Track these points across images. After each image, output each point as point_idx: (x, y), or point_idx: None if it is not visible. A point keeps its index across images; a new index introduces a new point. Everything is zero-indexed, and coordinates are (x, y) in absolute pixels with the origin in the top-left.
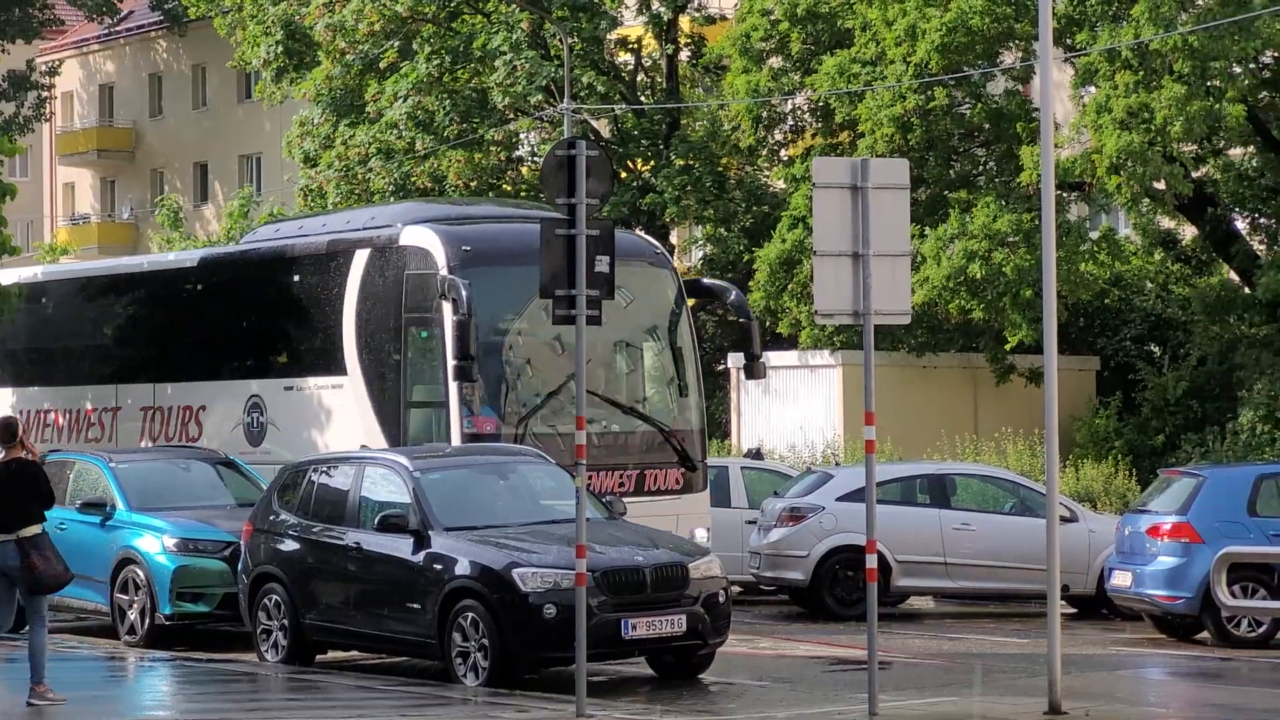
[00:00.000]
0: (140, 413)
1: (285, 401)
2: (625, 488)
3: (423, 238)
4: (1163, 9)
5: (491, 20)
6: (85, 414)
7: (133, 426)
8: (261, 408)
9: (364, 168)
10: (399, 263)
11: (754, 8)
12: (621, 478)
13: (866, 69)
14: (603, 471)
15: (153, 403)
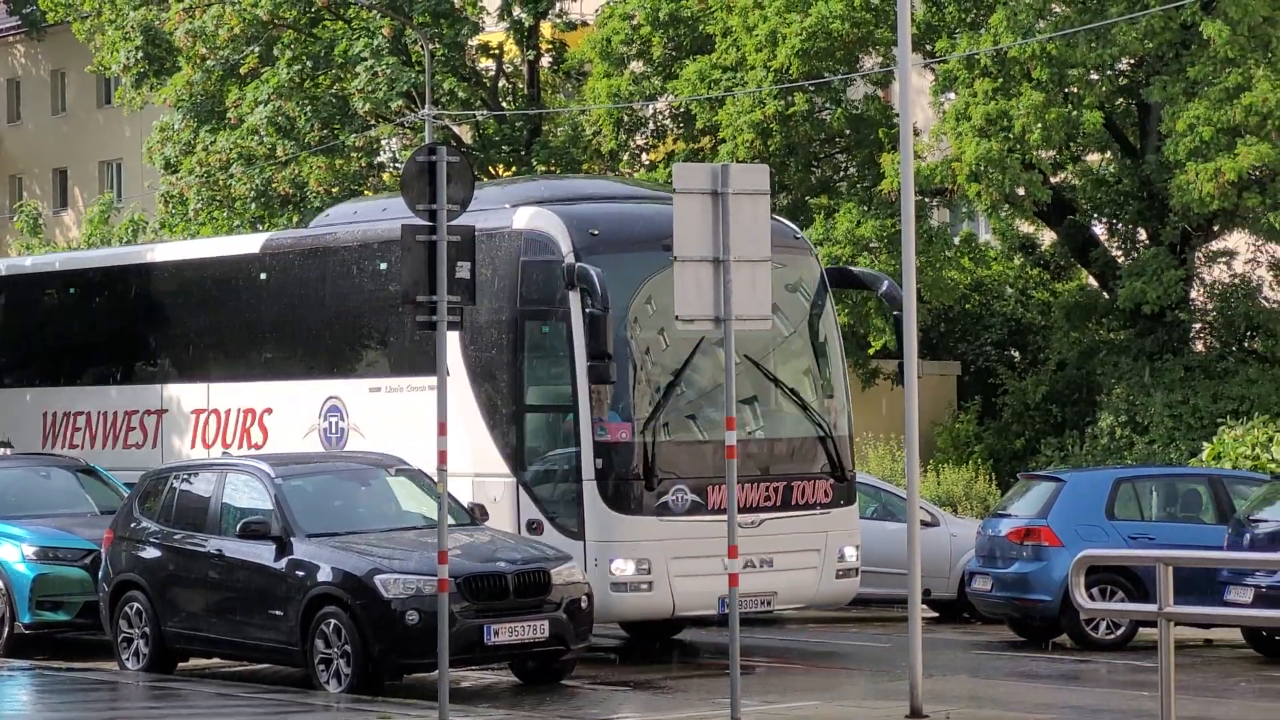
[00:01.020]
0: (191, 415)
1: (371, 404)
2: (772, 501)
3: (542, 221)
4: (1021, 17)
5: (352, 26)
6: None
7: (182, 430)
8: (342, 411)
9: (225, 174)
10: (512, 249)
11: (615, 13)
12: (768, 490)
13: (727, 74)
14: (747, 484)
15: (206, 404)
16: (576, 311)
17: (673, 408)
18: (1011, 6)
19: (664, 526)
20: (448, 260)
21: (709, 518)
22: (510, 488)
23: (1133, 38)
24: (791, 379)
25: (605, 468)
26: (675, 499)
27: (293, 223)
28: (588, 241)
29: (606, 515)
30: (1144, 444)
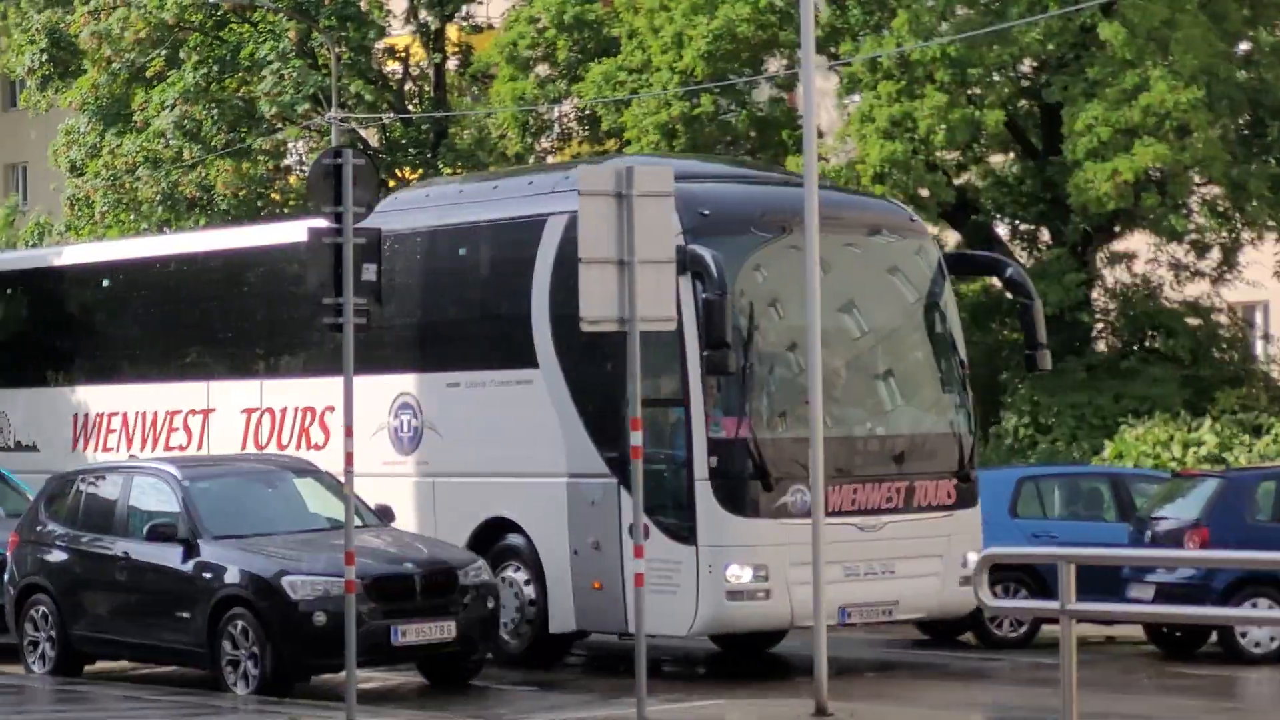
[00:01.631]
0: (242, 415)
1: (449, 401)
2: (894, 503)
3: None
4: (923, 19)
5: (259, 30)
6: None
7: (231, 430)
8: (415, 409)
9: (131, 177)
10: None
11: (521, 16)
12: (889, 491)
13: (633, 76)
14: (868, 484)
15: (260, 403)
16: (688, 298)
17: (791, 401)
18: (914, 9)
19: (783, 530)
20: (354, 263)
21: (830, 520)
22: (611, 490)
23: (1033, 39)
24: (911, 371)
25: (720, 466)
26: (795, 500)
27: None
28: (698, 222)
29: (721, 517)
30: (1047, 443)
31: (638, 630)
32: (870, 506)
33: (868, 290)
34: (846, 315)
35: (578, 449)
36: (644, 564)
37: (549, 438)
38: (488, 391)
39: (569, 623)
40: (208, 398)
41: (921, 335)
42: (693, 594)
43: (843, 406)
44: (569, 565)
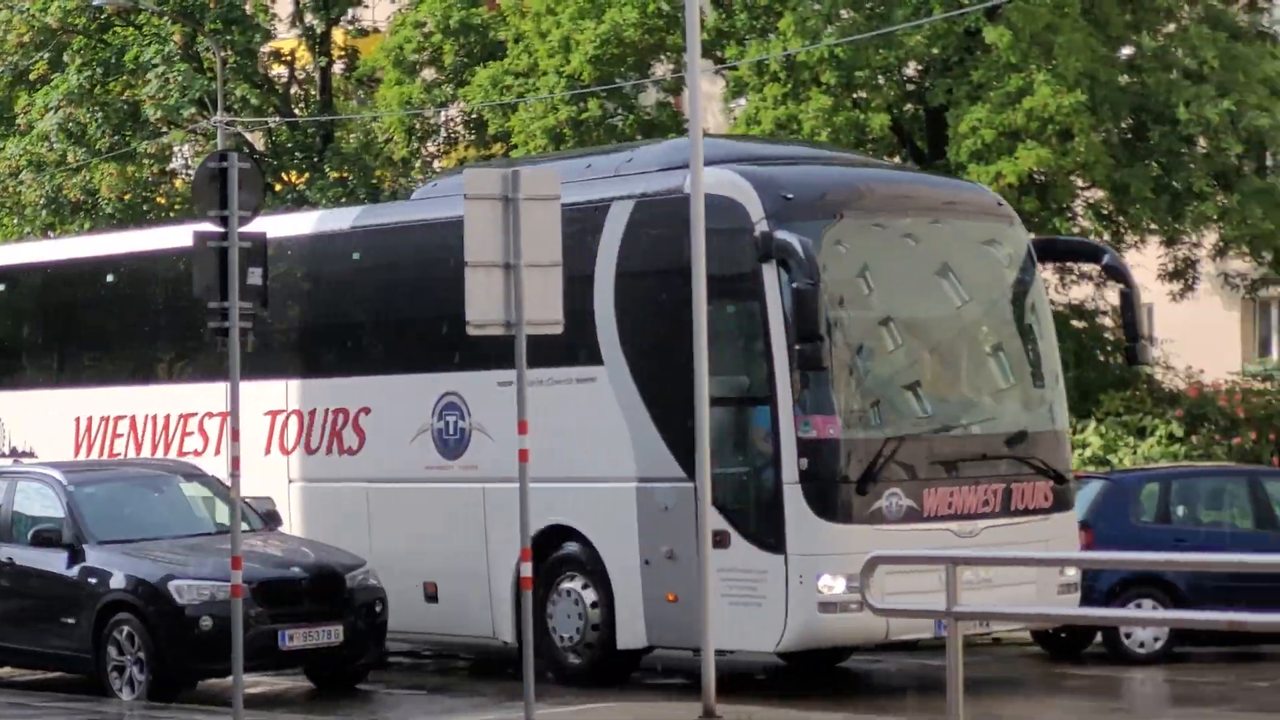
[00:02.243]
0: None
1: (500, 400)
2: (990, 507)
3: (726, 183)
4: (809, 22)
5: (143, 33)
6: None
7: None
8: (462, 409)
9: (15, 180)
10: (686, 218)
11: (407, 20)
12: (985, 494)
13: (519, 80)
14: (964, 486)
15: (285, 405)
16: (773, 287)
17: (886, 399)
18: (800, 12)
19: (878, 536)
20: (239, 266)
21: (926, 526)
22: (686, 494)
23: (918, 42)
24: (1000, 367)
25: (811, 469)
26: (890, 505)
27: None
28: (781, 207)
29: (813, 523)
30: None
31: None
32: (967, 511)
33: (956, 276)
34: (935, 303)
35: (648, 451)
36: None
37: (615, 439)
38: (545, 390)
39: (639, 638)
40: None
41: (1011, 326)
42: (781, 606)
43: (935, 404)
44: (639, 576)
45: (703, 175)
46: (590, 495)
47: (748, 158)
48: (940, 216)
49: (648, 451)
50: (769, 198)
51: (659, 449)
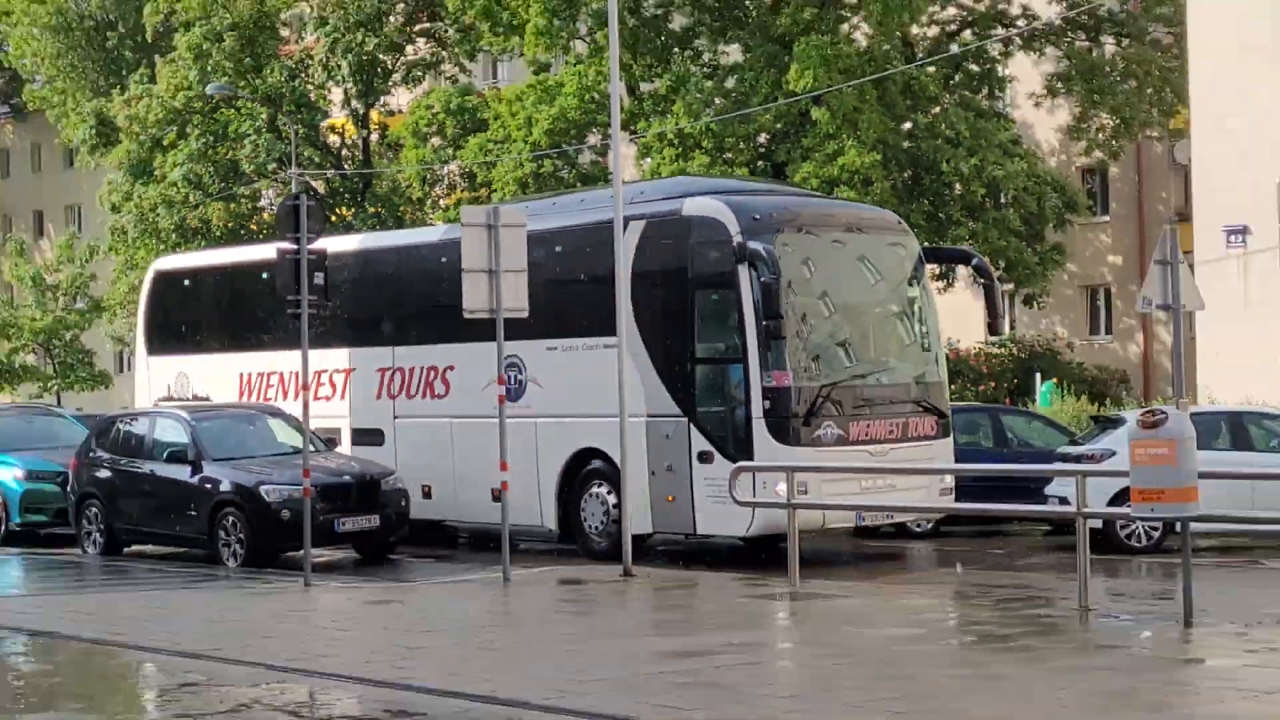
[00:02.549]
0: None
1: (547, 361)
2: (895, 435)
3: (711, 208)
4: (693, 107)
5: (240, 113)
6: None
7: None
8: (520, 366)
9: (154, 214)
10: (682, 232)
11: (421, 104)
12: (891, 426)
13: (498, 145)
14: (876, 420)
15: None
16: (746, 282)
17: (821, 359)
18: (686, 100)
19: (816, 455)
20: (309, 271)
21: (850, 448)
22: (682, 426)
23: (767, 120)
24: (901, 336)
25: (771, 408)
26: (825, 433)
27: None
28: (751, 224)
29: (772, 446)
30: None
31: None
32: (878, 437)
33: (869, 271)
34: (856, 291)
35: (654, 397)
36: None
37: (631, 389)
38: (579, 354)
39: (646, 526)
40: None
41: (909, 307)
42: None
43: (857, 362)
44: (647, 483)
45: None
46: (612, 426)
47: (725, 190)
48: (859, 229)
49: (654, 398)
50: (743, 218)
51: (662, 396)
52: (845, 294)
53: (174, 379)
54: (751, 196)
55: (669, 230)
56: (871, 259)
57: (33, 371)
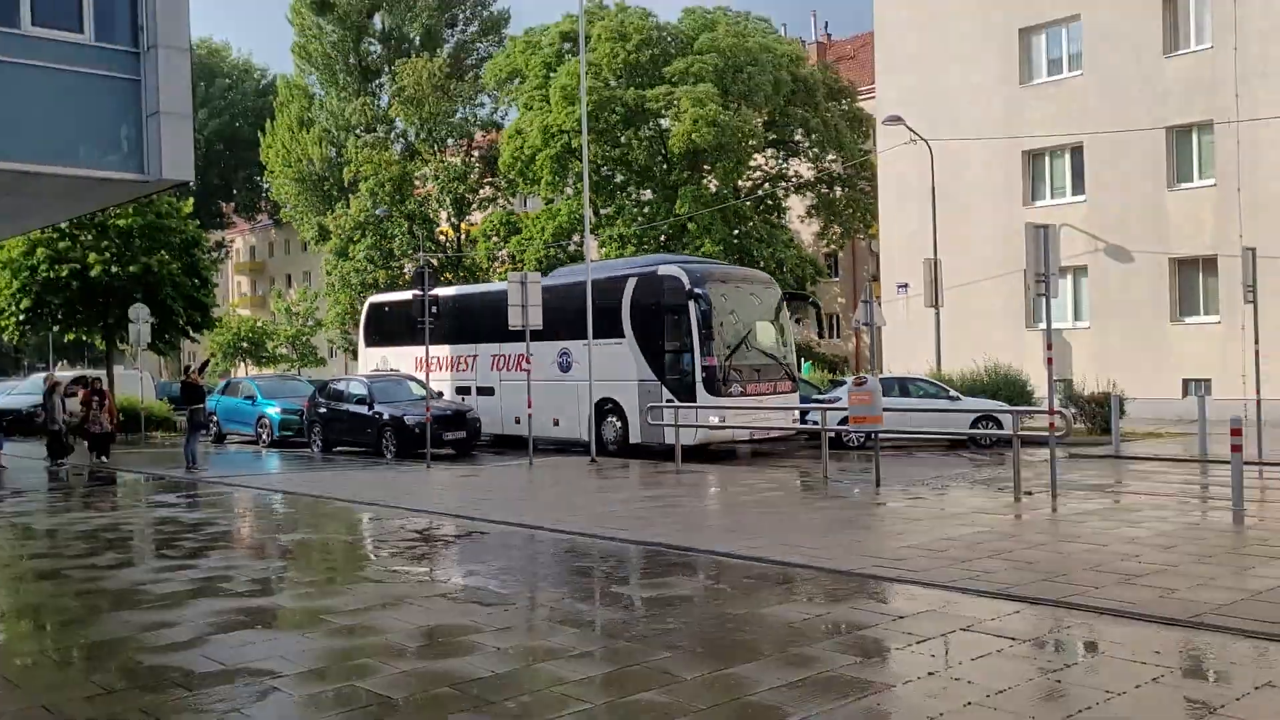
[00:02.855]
0: (490, 358)
1: (584, 352)
2: (769, 390)
3: (674, 271)
4: (627, 222)
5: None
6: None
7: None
8: (570, 354)
9: (348, 277)
10: (658, 283)
11: (485, 220)
12: (768, 385)
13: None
14: (761, 382)
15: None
16: (694, 310)
17: (731, 350)
18: (624, 218)
19: (729, 401)
20: (422, 305)
21: (746, 398)
22: (658, 385)
23: (665, 228)
24: (774, 339)
25: (708, 376)
26: (734, 389)
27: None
28: (696, 280)
29: (706, 396)
30: None
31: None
32: (762, 392)
33: (757, 306)
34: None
35: (643, 370)
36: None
37: (630, 367)
38: (602, 348)
39: (638, 438)
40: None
41: (780, 324)
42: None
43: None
44: (639, 417)
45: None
46: (620, 386)
47: (681, 261)
48: (749, 281)
49: (643, 371)
50: (690, 276)
51: (647, 370)
52: (744, 316)
53: (380, 360)
54: (695, 265)
55: (650, 281)
56: (758, 297)
57: (285, 357)
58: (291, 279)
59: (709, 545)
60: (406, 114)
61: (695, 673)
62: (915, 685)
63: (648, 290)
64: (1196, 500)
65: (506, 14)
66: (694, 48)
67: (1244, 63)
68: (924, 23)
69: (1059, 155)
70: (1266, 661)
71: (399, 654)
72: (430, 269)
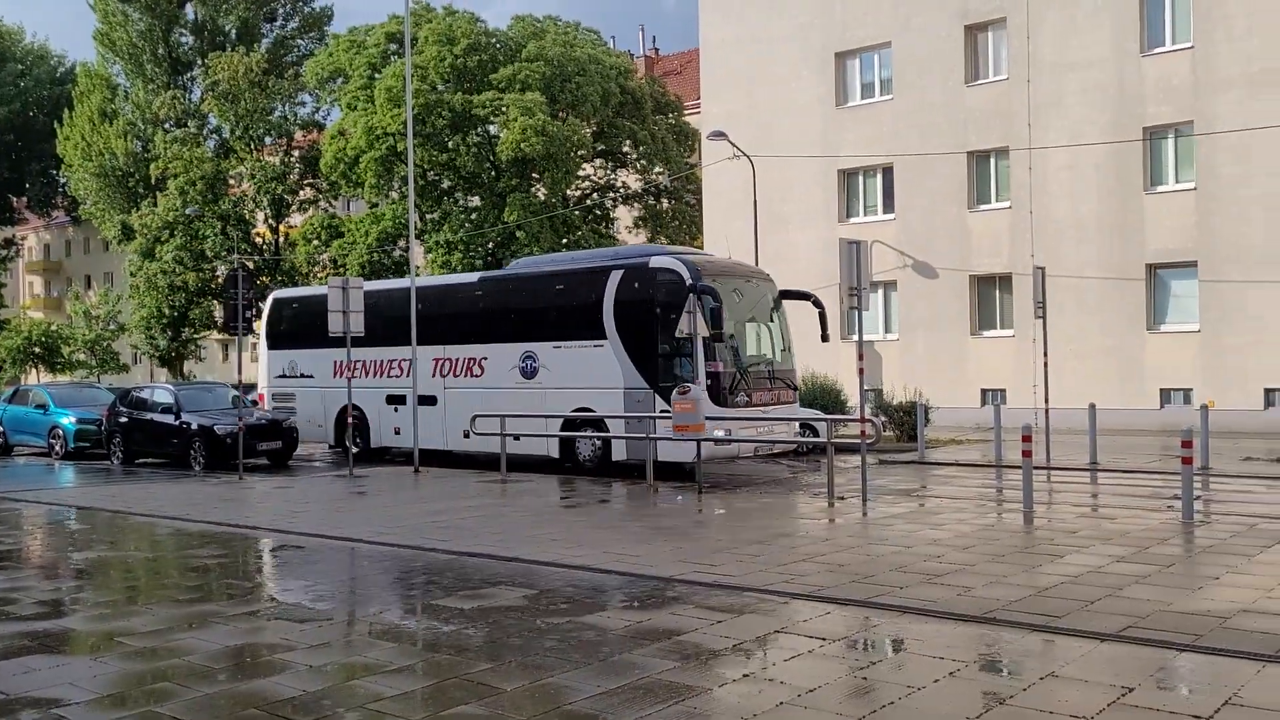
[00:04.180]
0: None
1: (553, 355)
2: (773, 400)
3: (671, 264)
4: (454, 228)
5: (205, 223)
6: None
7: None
8: (534, 358)
9: (153, 279)
10: (650, 277)
11: (307, 223)
12: (771, 394)
13: (350, 245)
14: (764, 391)
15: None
16: (696, 308)
17: (738, 354)
18: (450, 224)
19: (734, 413)
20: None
21: (751, 409)
22: (649, 394)
23: (493, 235)
24: (772, 341)
25: (714, 384)
26: (739, 399)
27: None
28: (697, 274)
29: (710, 406)
30: None
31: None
32: (766, 402)
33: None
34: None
35: (630, 377)
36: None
37: (611, 373)
38: (581, 350)
39: (623, 455)
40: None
41: (778, 324)
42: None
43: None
44: (624, 428)
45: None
46: (600, 394)
47: (678, 253)
48: (745, 278)
49: (630, 377)
50: (693, 271)
51: (635, 375)
52: (743, 316)
53: (287, 365)
54: (690, 256)
55: (641, 274)
56: (755, 296)
57: (83, 363)
58: (91, 280)
59: (532, 555)
60: (221, 110)
61: (516, 683)
62: (731, 688)
63: (637, 284)
64: (993, 503)
65: (329, 11)
66: (522, 55)
67: (1036, 94)
68: (747, 43)
69: (871, 175)
70: (1052, 654)
71: (204, 676)
72: (245, 272)
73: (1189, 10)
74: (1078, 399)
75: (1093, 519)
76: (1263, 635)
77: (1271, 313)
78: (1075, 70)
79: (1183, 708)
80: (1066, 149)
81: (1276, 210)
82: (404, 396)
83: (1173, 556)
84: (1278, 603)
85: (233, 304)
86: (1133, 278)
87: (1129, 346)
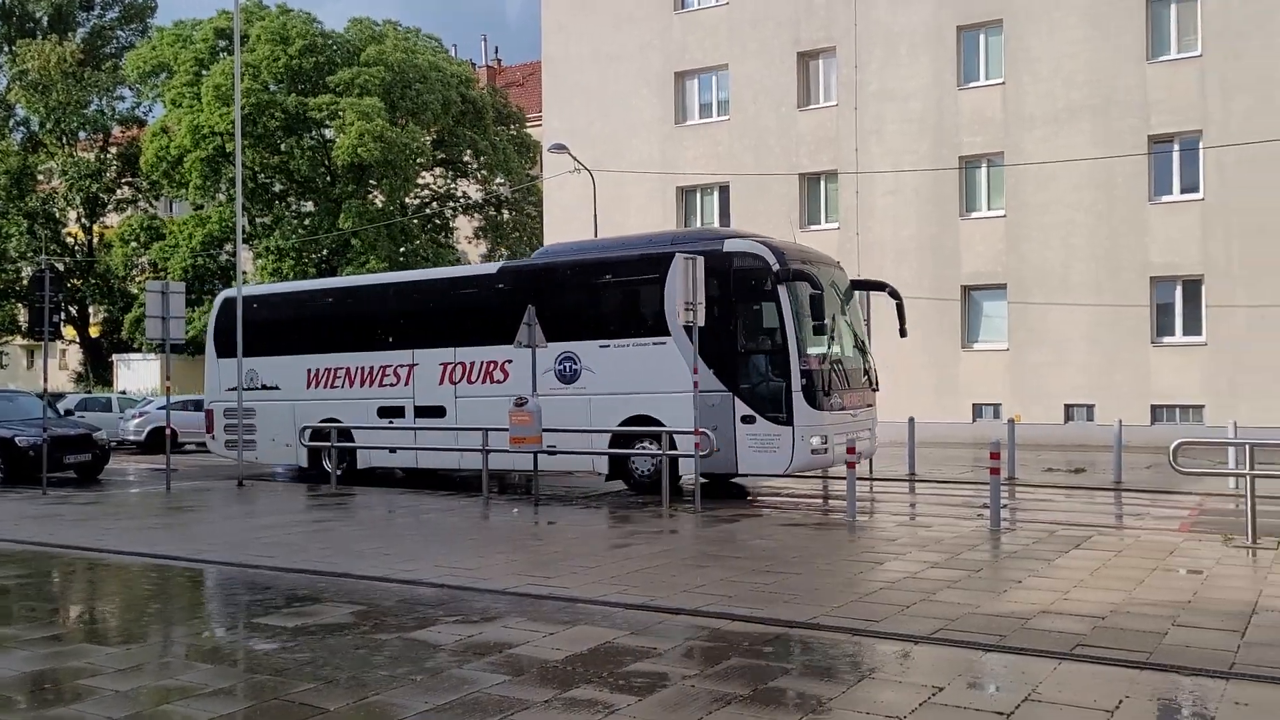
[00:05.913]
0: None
1: (598, 354)
2: (861, 402)
3: (752, 247)
4: (286, 233)
5: (10, 221)
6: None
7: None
8: (575, 359)
9: None
10: (726, 263)
11: (125, 223)
12: (859, 397)
13: (172, 249)
14: (853, 393)
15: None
16: (786, 297)
17: (832, 349)
18: (282, 229)
19: (828, 418)
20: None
21: (844, 412)
22: (727, 398)
23: (327, 241)
24: (857, 334)
25: (806, 384)
26: (834, 401)
27: None
28: (783, 258)
29: (807, 410)
30: None
31: None
32: (855, 405)
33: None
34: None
35: (703, 379)
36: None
37: (677, 374)
38: (640, 349)
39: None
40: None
41: (858, 316)
42: (789, 451)
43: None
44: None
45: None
46: (663, 399)
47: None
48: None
49: (703, 379)
50: (774, 254)
51: (710, 377)
52: (831, 308)
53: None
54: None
55: (715, 261)
56: (838, 284)
57: None
58: None
59: (363, 571)
60: (29, 100)
61: (341, 703)
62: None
63: (709, 272)
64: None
65: (153, 3)
66: (360, 59)
67: (862, 121)
68: (590, 59)
69: (709, 192)
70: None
71: (1, 706)
72: (54, 274)
73: (1000, 50)
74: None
75: (910, 527)
76: (1059, 634)
77: (1071, 333)
78: (897, 100)
79: (988, 705)
80: (890, 174)
81: (1074, 237)
82: (402, 408)
83: (981, 562)
84: (1073, 604)
85: (39, 307)
86: (949, 298)
87: (945, 363)
